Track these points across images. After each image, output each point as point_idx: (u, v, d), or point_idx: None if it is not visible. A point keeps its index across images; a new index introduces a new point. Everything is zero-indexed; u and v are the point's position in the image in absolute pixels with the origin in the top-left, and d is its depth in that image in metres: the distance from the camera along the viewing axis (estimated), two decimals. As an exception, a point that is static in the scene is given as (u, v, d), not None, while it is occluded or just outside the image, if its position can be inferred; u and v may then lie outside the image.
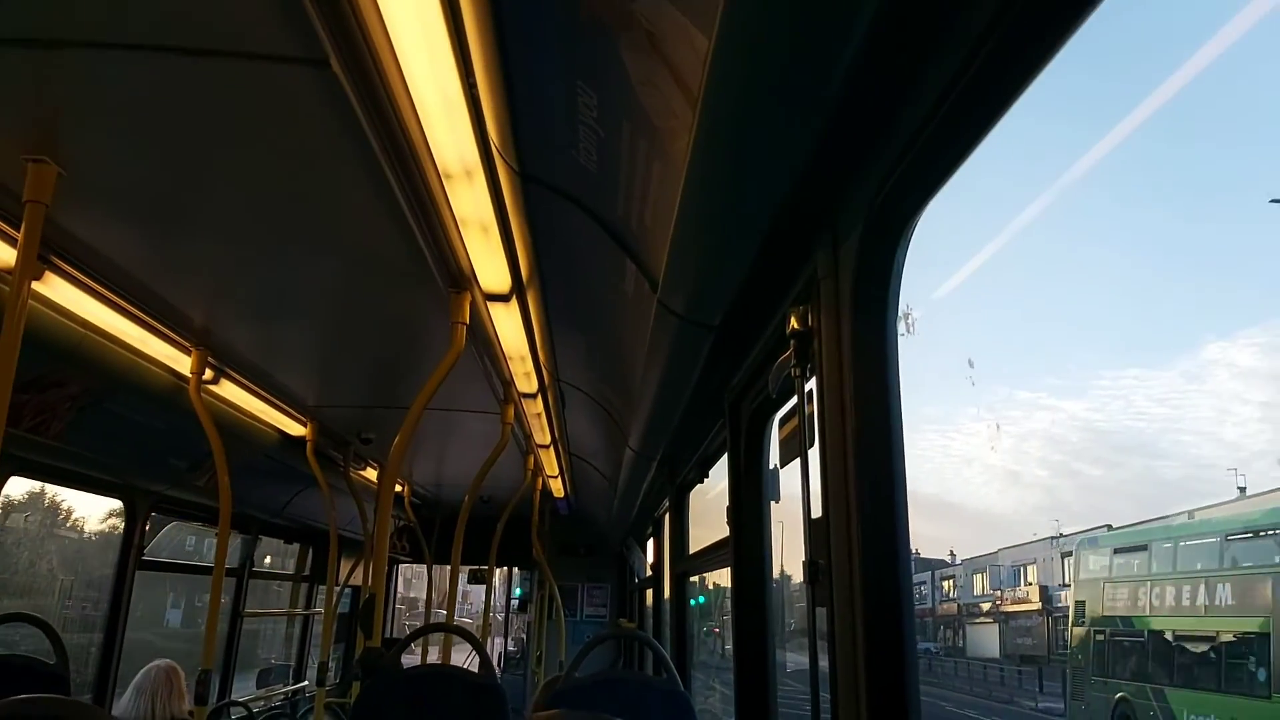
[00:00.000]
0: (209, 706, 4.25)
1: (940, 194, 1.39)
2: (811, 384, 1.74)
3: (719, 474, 3.94)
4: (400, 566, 12.01)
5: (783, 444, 2.07)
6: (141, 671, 4.04)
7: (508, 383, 4.39)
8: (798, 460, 1.88)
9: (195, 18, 1.75)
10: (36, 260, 2.66)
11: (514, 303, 3.24)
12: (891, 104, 1.29)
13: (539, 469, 6.70)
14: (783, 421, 2.10)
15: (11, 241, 2.67)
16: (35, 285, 2.97)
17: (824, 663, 1.68)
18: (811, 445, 1.74)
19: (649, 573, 7.19)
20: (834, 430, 1.56)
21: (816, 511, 1.67)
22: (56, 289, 3.12)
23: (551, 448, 6.08)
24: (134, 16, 1.76)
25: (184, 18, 1.76)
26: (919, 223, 1.43)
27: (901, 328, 1.48)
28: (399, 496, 7.86)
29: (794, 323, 1.70)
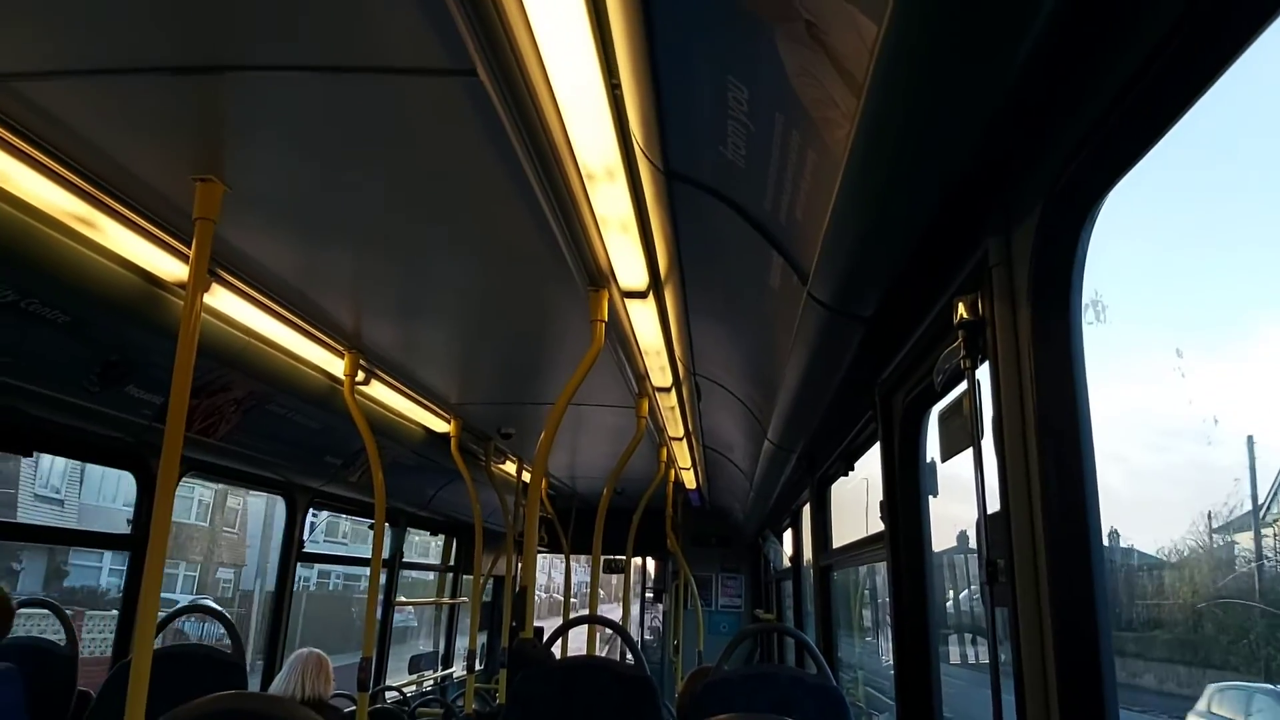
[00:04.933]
0: (369, 691, 4.45)
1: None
2: (981, 374, 1.66)
3: (861, 466, 3.85)
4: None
5: (945, 436, 1.99)
6: (293, 655, 4.26)
7: (642, 377, 4.41)
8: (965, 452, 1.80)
9: (350, 38, 1.82)
10: (207, 274, 2.83)
11: (651, 299, 3.25)
12: (1078, 80, 1.20)
13: (672, 460, 6.72)
14: (944, 413, 2.01)
15: (182, 257, 2.86)
16: (204, 297, 3.17)
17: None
18: (984, 437, 1.66)
19: (787, 564, 7.11)
20: (1013, 423, 1.48)
21: (993, 506, 1.59)
22: (223, 300, 3.33)
23: (685, 440, 6.08)
24: (291, 40, 1.84)
25: (339, 38, 1.82)
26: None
27: (1089, 315, 1.38)
28: None
29: (963, 312, 1.62)
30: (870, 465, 3.16)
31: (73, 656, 3.96)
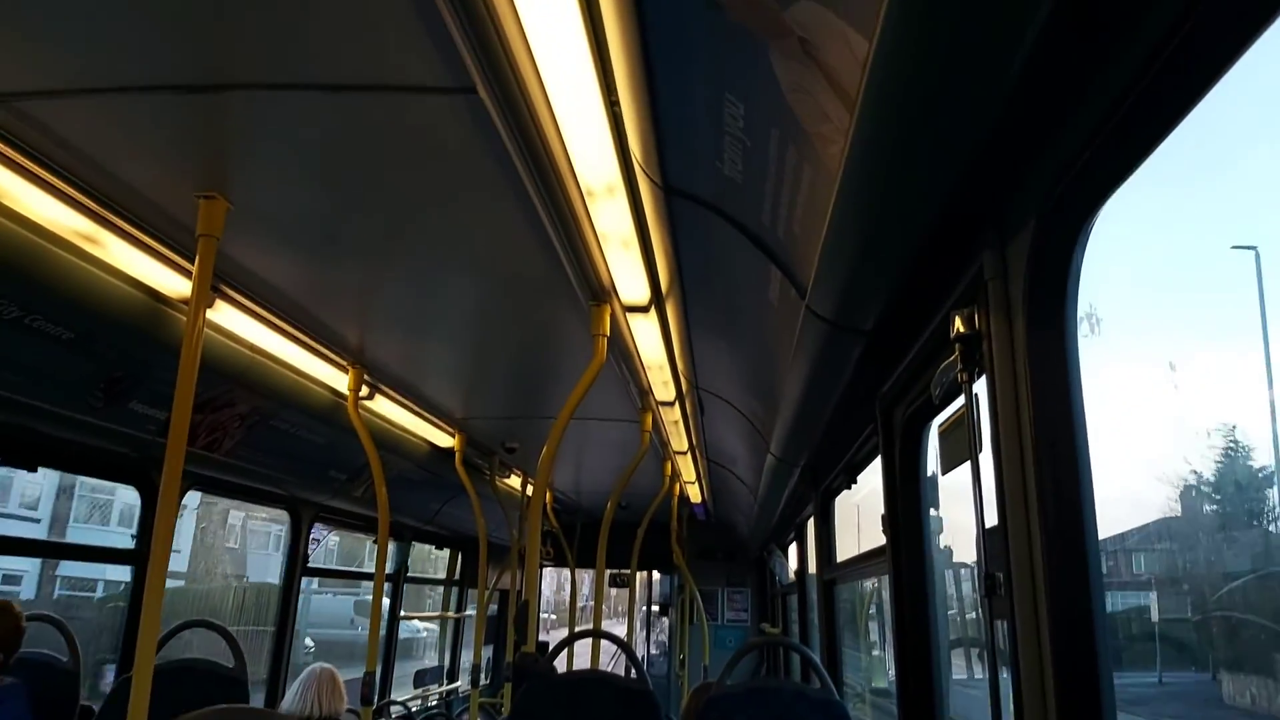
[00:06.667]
0: (373, 706, 4.44)
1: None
2: (978, 388, 1.66)
3: (864, 479, 3.84)
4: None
5: (944, 450, 1.99)
6: (305, 671, 4.25)
7: (646, 391, 4.42)
8: (962, 467, 1.81)
9: (352, 56, 1.84)
10: (209, 290, 2.84)
11: (653, 313, 3.26)
12: (1071, 93, 1.21)
13: (676, 475, 6.72)
14: (943, 426, 2.01)
15: (186, 273, 2.88)
16: (208, 313, 3.19)
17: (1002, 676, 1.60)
18: (981, 451, 1.66)
19: (791, 578, 7.09)
20: (1010, 437, 1.48)
21: (991, 520, 1.59)
22: (227, 316, 3.34)
23: (689, 454, 6.08)
24: (294, 59, 1.86)
25: (341, 57, 1.85)
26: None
27: (1084, 328, 1.39)
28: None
29: (959, 326, 1.62)
30: (878, 478, 3.17)
31: (75, 672, 3.95)
